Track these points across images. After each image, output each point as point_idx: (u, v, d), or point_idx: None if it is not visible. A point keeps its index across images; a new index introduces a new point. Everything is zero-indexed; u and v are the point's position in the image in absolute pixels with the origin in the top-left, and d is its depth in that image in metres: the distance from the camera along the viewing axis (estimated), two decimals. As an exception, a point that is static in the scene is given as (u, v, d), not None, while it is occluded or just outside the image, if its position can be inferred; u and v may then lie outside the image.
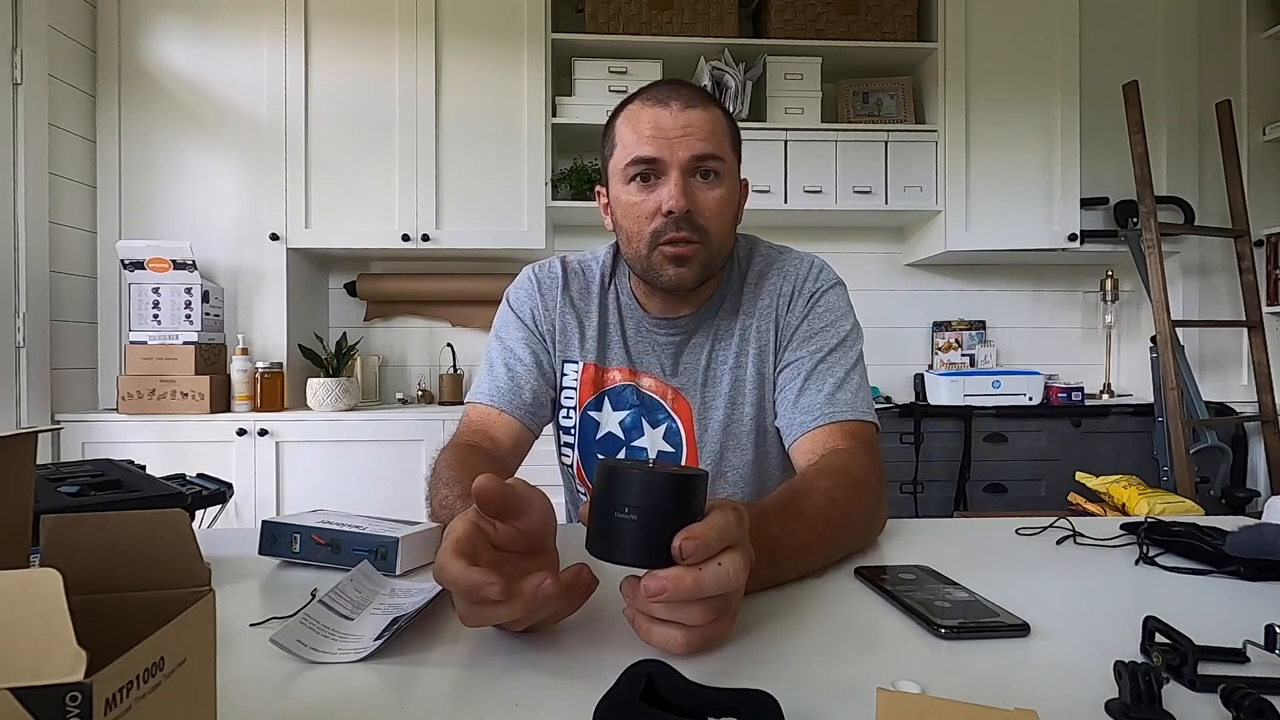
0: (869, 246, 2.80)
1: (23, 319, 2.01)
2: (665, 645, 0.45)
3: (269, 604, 0.57)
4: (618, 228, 0.89)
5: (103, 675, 0.22)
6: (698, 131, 0.82)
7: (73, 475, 0.75)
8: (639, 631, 0.46)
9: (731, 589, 0.45)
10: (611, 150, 0.88)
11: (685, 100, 0.83)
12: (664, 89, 0.85)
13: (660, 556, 0.42)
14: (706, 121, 0.83)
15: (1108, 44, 2.68)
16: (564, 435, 0.98)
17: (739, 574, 0.45)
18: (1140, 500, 1.71)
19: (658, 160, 0.83)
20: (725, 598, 0.45)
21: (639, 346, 0.95)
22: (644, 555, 0.42)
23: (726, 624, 0.47)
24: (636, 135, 0.83)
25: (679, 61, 2.48)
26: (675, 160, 0.82)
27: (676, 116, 0.82)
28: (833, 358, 0.89)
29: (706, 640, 0.46)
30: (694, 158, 0.82)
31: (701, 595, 0.43)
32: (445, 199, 2.37)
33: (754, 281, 0.95)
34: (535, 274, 0.99)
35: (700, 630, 0.45)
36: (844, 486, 0.70)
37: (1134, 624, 0.47)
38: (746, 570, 0.46)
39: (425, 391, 2.58)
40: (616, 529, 0.42)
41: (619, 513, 0.41)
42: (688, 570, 0.43)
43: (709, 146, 0.83)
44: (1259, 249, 2.67)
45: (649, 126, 0.83)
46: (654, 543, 0.41)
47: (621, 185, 0.86)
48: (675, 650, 0.44)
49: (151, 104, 2.28)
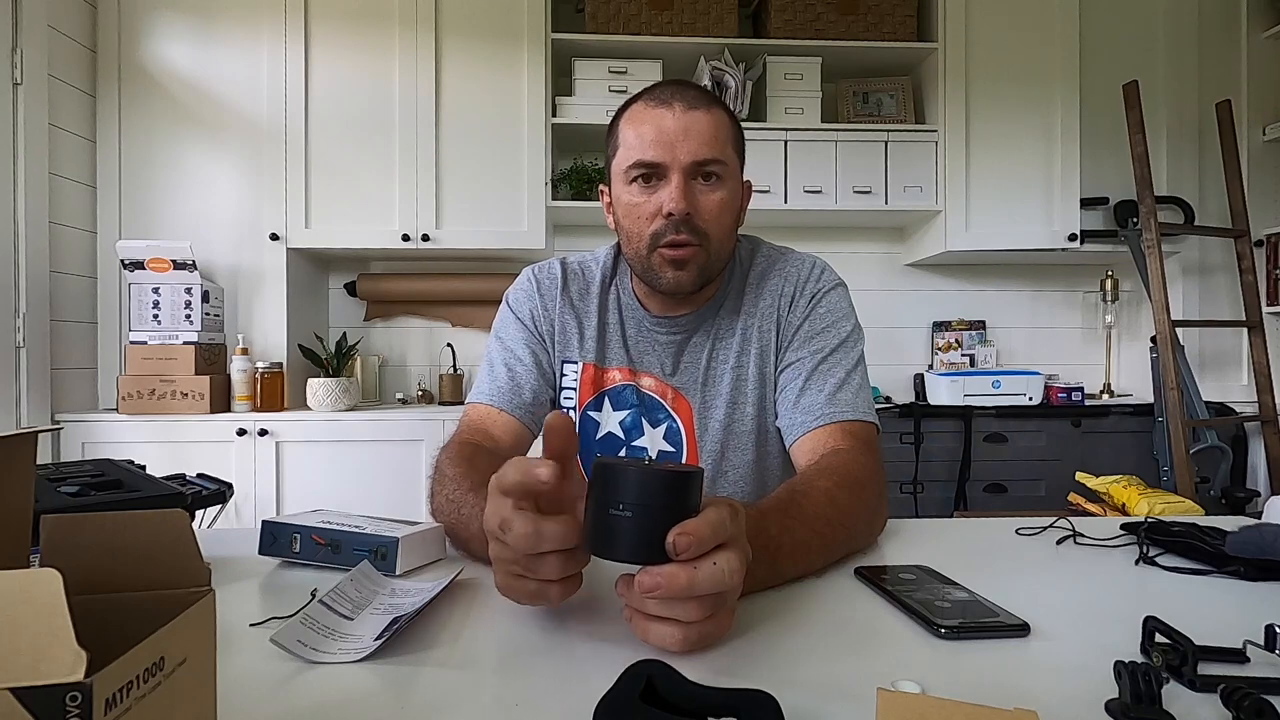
0: (869, 246, 2.80)
1: (23, 319, 2.01)
2: (662, 643, 0.45)
3: (269, 604, 0.57)
4: (619, 228, 0.90)
5: (103, 675, 0.22)
6: (700, 135, 0.82)
7: (73, 475, 0.75)
8: (636, 630, 0.46)
9: (727, 586, 0.45)
10: (615, 150, 0.88)
11: (688, 102, 0.83)
12: (668, 90, 0.85)
13: (656, 553, 0.42)
14: (709, 124, 0.83)
15: (1108, 44, 2.68)
16: None
17: (734, 571, 0.45)
18: (1140, 500, 1.71)
19: (659, 164, 0.83)
20: (721, 595, 0.45)
21: (639, 346, 0.95)
22: (640, 552, 0.42)
23: (724, 621, 0.47)
24: (639, 137, 0.83)
25: (679, 61, 2.48)
26: (677, 163, 0.82)
27: (679, 119, 0.82)
28: (834, 358, 0.89)
29: (704, 637, 0.46)
30: (695, 162, 0.82)
31: (696, 592, 0.43)
32: (445, 199, 2.37)
33: (755, 282, 0.95)
34: (535, 275, 0.99)
35: (697, 627, 0.45)
36: (844, 487, 0.70)
37: (1134, 624, 0.46)
38: (743, 567, 0.46)
39: (425, 391, 2.58)
40: (612, 526, 0.42)
41: (614, 510, 0.41)
42: (682, 567, 0.43)
43: (711, 150, 0.83)
44: (1259, 249, 2.67)
45: (652, 129, 0.83)
46: (650, 539, 0.42)
47: (623, 186, 0.86)
48: (672, 647, 0.45)
49: (151, 104, 2.28)
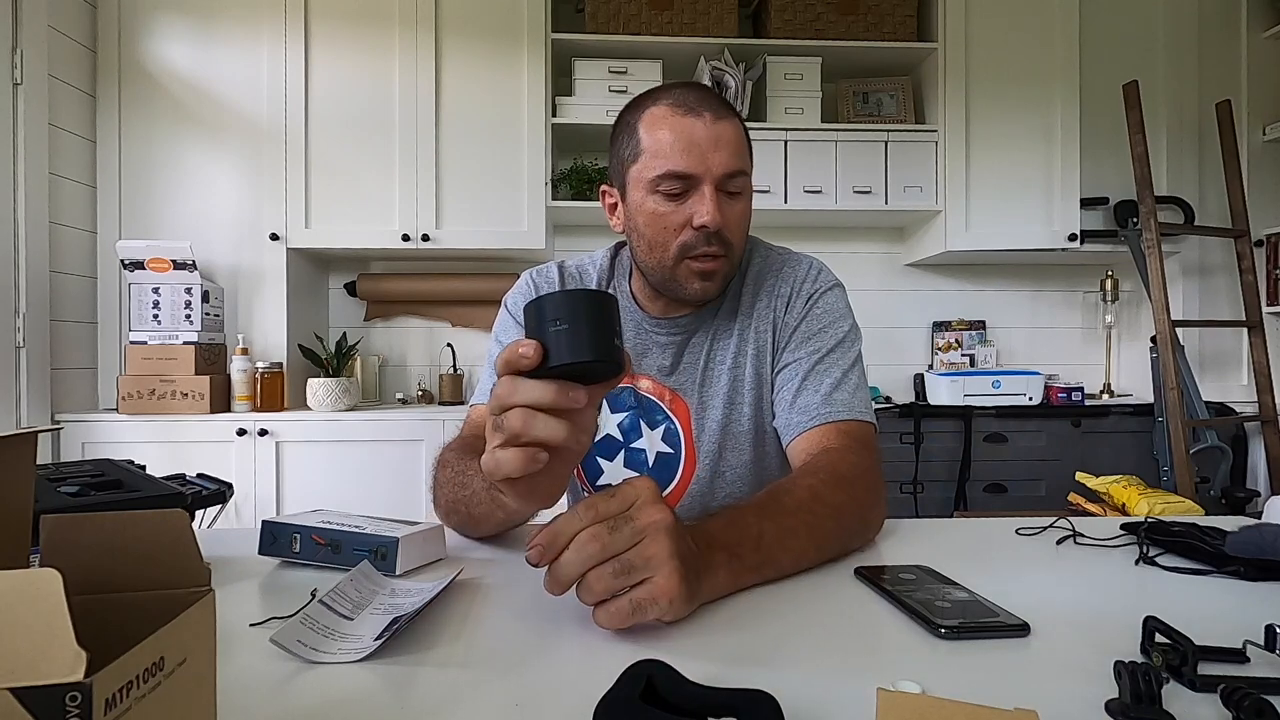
0: (869, 246, 2.80)
1: (23, 319, 2.01)
2: (597, 621, 0.48)
3: (269, 604, 0.57)
4: (635, 234, 0.87)
5: (103, 675, 0.22)
6: (729, 146, 0.81)
7: (73, 475, 0.75)
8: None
9: (594, 556, 0.47)
10: (634, 155, 0.84)
11: (716, 112, 0.82)
12: (692, 96, 0.83)
13: (591, 349, 0.48)
14: (735, 135, 0.83)
15: (1108, 44, 2.68)
16: None
17: (595, 542, 0.48)
18: (1140, 500, 1.71)
19: (692, 175, 0.81)
20: (625, 562, 0.48)
21: (637, 347, 0.95)
22: (580, 350, 0.48)
23: (655, 589, 0.48)
24: (669, 146, 0.81)
25: (679, 61, 2.48)
26: (709, 175, 0.81)
27: (709, 129, 0.81)
28: (830, 358, 0.89)
29: (637, 605, 0.47)
30: (727, 174, 0.81)
31: (564, 573, 0.48)
32: (445, 199, 2.37)
33: (753, 282, 0.95)
34: (533, 279, 0.99)
35: (617, 601, 0.48)
36: (829, 483, 0.70)
37: (1134, 624, 0.46)
38: (627, 536, 0.48)
39: (425, 391, 2.58)
40: (557, 339, 0.48)
41: (553, 327, 0.48)
42: (544, 532, 0.49)
43: (739, 163, 0.82)
44: (1259, 249, 2.67)
45: (683, 139, 0.80)
46: (585, 339, 0.48)
47: (645, 194, 0.84)
48: (601, 623, 0.48)
49: (151, 104, 2.28)
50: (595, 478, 0.96)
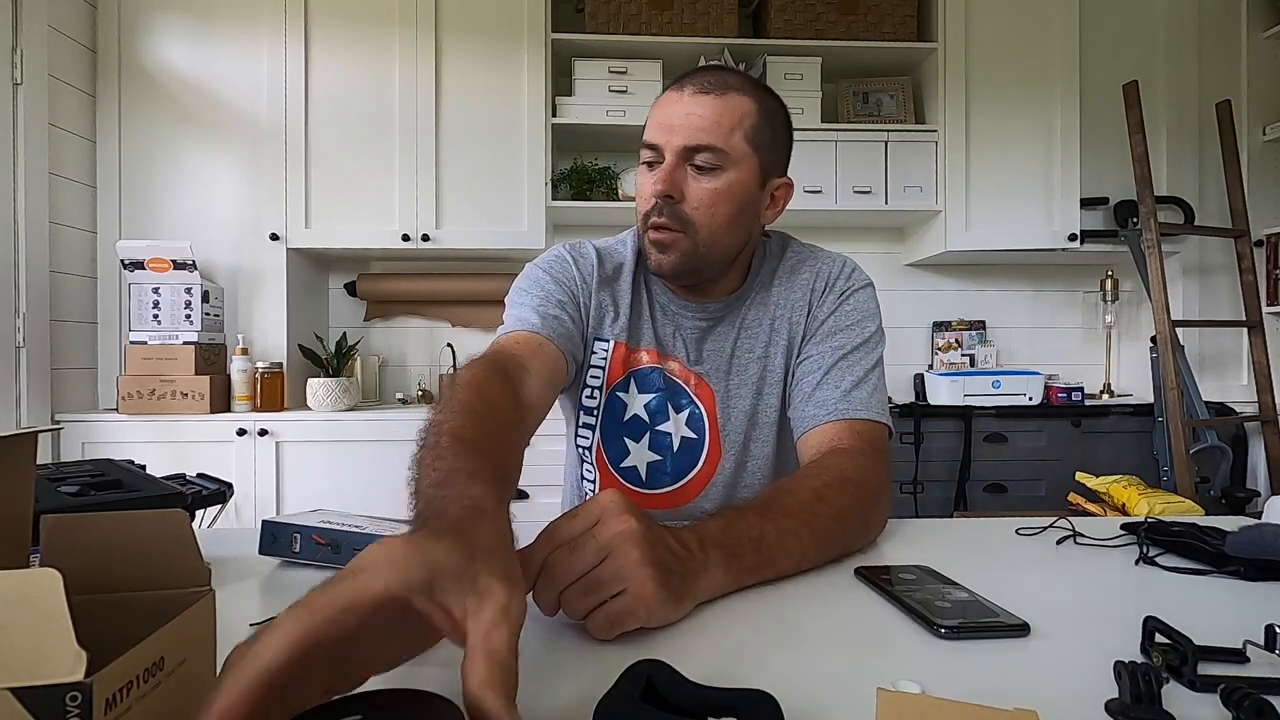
0: (869, 246, 2.80)
1: (23, 319, 2.01)
2: (590, 632, 0.48)
3: (269, 604, 0.57)
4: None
5: (103, 675, 0.22)
6: (700, 120, 0.81)
7: (73, 475, 0.75)
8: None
9: (561, 580, 0.47)
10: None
11: (701, 87, 0.82)
12: (695, 74, 0.84)
13: None
14: (715, 110, 0.81)
15: (1108, 44, 2.68)
16: (584, 416, 0.95)
17: (559, 567, 0.48)
18: (1140, 500, 1.71)
19: (657, 146, 0.83)
20: (594, 580, 0.47)
21: (665, 329, 0.94)
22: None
23: (630, 600, 0.47)
24: (651, 119, 0.84)
25: (679, 61, 2.48)
26: (670, 147, 0.82)
27: (683, 103, 0.82)
28: (854, 356, 0.89)
29: (614, 619, 0.47)
30: (686, 147, 0.81)
31: (542, 601, 0.48)
32: (445, 199, 2.36)
33: (786, 275, 0.95)
34: (569, 251, 0.93)
35: (596, 615, 0.47)
36: (834, 484, 0.70)
37: (1134, 624, 0.46)
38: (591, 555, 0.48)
39: (425, 391, 2.58)
40: None
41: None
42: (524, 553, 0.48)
43: (706, 137, 0.81)
44: (1259, 249, 2.67)
45: (661, 111, 0.83)
46: None
47: (639, 167, 0.88)
48: (592, 635, 0.48)
49: (151, 104, 2.28)
50: (620, 459, 0.94)
